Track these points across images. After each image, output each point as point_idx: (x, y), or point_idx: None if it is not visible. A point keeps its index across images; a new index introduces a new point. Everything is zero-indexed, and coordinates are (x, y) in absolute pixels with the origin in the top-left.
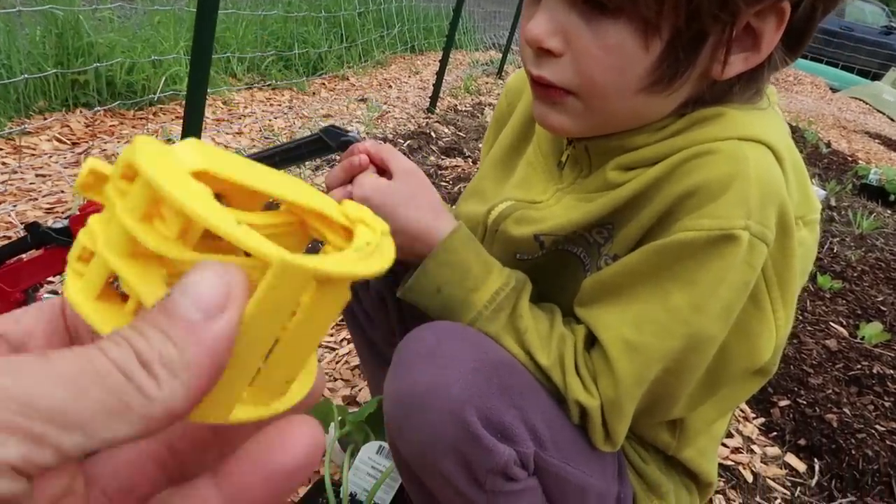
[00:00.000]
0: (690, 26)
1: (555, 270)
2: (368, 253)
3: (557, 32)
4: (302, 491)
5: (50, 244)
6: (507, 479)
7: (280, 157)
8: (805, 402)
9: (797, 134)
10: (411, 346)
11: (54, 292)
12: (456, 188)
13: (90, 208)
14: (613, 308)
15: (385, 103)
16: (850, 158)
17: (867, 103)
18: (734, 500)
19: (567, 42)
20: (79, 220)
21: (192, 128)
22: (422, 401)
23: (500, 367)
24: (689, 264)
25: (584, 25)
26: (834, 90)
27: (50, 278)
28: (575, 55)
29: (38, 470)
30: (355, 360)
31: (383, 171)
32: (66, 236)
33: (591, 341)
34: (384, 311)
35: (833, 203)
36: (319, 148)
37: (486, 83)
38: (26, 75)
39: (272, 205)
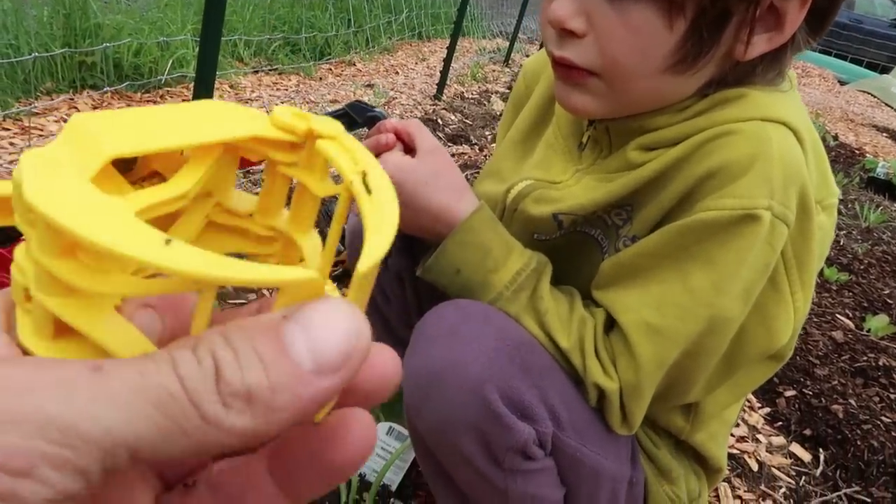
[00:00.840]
0: (715, 5)
1: (572, 252)
2: (378, 198)
3: (580, 13)
4: None
5: None
6: (526, 457)
7: None
8: (811, 393)
9: None
10: (432, 324)
11: None
12: (462, 175)
13: None
14: (633, 290)
15: (392, 89)
16: (857, 152)
17: (875, 97)
18: (739, 489)
19: (590, 22)
20: None
21: None
22: (442, 378)
23: (521, 346)
24: (710, 244)
25: (608, 5)
26: (842, 83)
27: None
28: (598, 35)
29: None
30: None
31: (409, 150)
32: None
33: (611, 324)
34: (402, 290)
35: (840, 196)
36: (345, 123)
37: (493, 71)
38: (35, 54)
39: None
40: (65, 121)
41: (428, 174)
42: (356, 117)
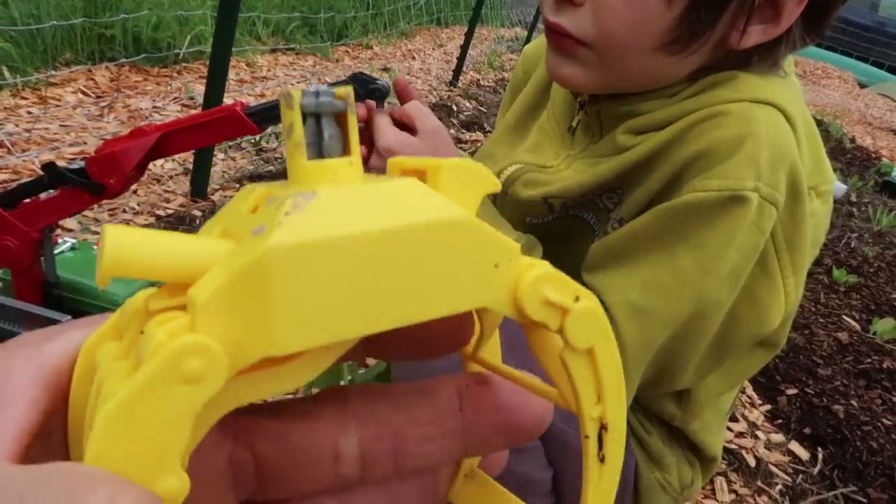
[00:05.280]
0: None
1: (565, 236)
2: None
3: None
4: None
5: (66, 185)
6: None
7: None
8: (812, 392)
9: (821, 128)
10: None
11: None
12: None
13: (106, 150)
14: (620, 272)
15: (408, 74)
16: (873, 155)
17: (895, 100)
18: (735, 483)
19: None
20: (95, 162)
21: (216, 87)
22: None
23: (506, 325)
24: (697, 226)
25: None
26: (862, 86)
27: (65, 219)
28: (595, 5)
29: None
30: None
31: (409, 130)
32: (82, 177)
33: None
34: None
35: (854, 199)
36: None
37: (511, 60)
38: (53, 21)
39: None
40: (82, 92)
41: (429, 152)
42: (359, 89)
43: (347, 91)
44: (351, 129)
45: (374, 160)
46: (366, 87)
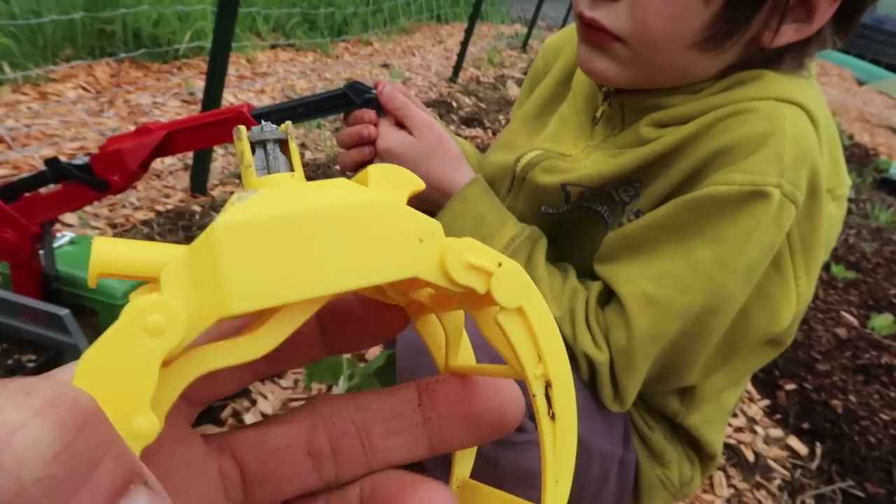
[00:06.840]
0: None
1: (577, 228)
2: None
3: None
4: None
5: (69, 180)
6: (517, 429)
7: (303, 109)
8: (811, 388)
9: None
10: None
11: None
12: (456, 144)
13: (111, 147)
14: (635, 263)
15: (408, 70)
16: (871, 152)
17: (893, 98)
18: (734, 478)
19: None
20: (99, 159)
21: (215, 83)
22: None
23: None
24: (717, 219)
25: None
26: (860, 83)
27: (66, 214)
28: (633, 1)
29: None
30: None
31: (400, 126)
32: (86, 173)
33: (606, 298)
34: None
35: (852, 195)
36: (343, 103)
37: (510, 56)
38: (53, 17)
39: None
40: (83, 88)
41: (426, 148)
42: (354, 98)
43: (287, 125)
44: (292, 152)
45: (378, 162)
46: (361, 97)
